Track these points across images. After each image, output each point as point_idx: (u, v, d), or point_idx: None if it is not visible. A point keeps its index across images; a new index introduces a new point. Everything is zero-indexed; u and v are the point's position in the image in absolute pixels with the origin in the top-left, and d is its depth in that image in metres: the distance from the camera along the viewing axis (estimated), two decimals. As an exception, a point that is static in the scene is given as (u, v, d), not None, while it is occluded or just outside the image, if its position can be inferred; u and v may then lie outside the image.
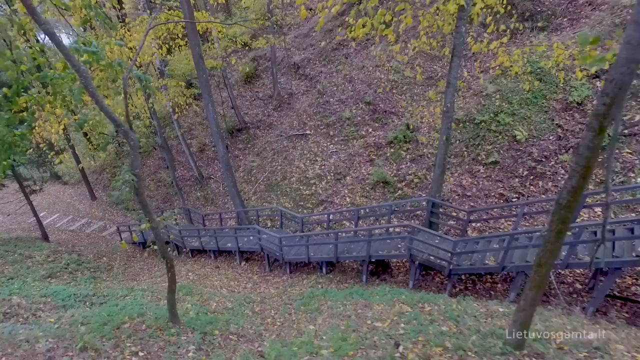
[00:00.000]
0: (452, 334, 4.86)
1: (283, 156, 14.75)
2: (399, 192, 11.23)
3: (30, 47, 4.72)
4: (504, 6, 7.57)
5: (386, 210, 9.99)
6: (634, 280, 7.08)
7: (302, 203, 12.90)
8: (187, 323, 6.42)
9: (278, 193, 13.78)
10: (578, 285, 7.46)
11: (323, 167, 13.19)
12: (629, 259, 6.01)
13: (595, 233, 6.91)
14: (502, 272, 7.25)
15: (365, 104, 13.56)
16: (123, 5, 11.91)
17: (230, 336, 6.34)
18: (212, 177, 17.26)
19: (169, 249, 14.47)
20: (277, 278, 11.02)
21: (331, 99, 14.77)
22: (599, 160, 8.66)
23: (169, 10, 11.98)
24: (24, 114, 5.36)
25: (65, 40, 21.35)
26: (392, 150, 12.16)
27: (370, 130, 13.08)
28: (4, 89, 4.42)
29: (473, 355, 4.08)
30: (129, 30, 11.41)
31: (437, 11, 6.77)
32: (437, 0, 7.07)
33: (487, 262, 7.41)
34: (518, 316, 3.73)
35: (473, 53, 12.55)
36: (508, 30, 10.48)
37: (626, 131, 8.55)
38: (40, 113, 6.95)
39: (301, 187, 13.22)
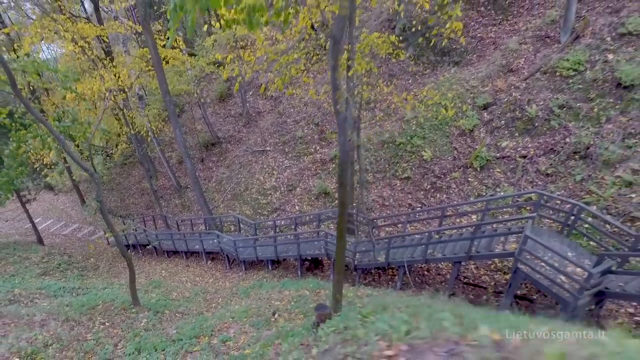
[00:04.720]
0: (320, 307, 7.10)
1: (247, 169, 17.01)
2: (336, 202, 13.49)
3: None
4: (396, 55, 9.90)
5: (318, 217, 12.26)
6: (485, 271, 9.39)
7: (259, 211, 15.17)
8: (146, 305, 8.66)
9: (241, 202, 16.03)
10: (449, 276, 9.75)
11: (278, 179, 15.45)
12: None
13: (461, 235, 9.20)
14: (388, 266, 9.54)
15: (315, 125, 15.84)
16: (107, 40, 14.04)
17: (176, 314, 8.59)
18: (189, 186, 19.46)
19: (152, 250, 16.61)
20: (235, 274, 13.26)
21: (288, 119, 17.04)
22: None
23: (143, 48, 14.22)
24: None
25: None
26: (333, 165, 14.43)
27: (317, 148, 15.36)
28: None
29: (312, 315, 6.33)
30: (113, 65, 13.62)
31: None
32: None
33: (379, 259, 9.70)
34: (333, 290, 5.98)
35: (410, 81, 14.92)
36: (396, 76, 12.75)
37: (498, 154, 10.87)
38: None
39: (259, 197, 15.48)
